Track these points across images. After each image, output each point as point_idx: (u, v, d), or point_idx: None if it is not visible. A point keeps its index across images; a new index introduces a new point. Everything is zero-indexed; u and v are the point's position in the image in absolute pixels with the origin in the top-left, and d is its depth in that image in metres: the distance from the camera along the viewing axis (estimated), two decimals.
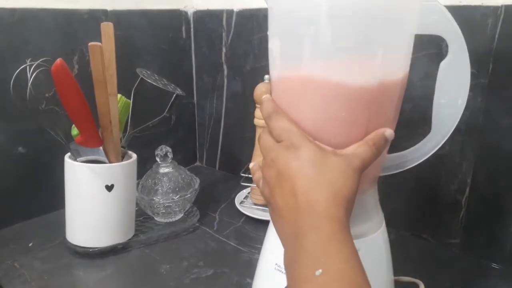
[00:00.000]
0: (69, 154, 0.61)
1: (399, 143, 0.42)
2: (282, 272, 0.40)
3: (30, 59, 0.55)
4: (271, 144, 0.35)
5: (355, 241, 0.39)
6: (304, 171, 0.31)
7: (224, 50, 0.86)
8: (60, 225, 0.63)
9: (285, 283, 0.41)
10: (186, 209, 0.72)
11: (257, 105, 0.72)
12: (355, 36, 0.33)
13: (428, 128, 0.40)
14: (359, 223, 0.40)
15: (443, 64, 0.37)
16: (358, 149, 0.34)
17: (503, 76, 0.55)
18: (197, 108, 0.96)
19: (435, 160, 0.59)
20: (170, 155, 0.69)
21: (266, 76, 0.71)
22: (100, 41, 0.55)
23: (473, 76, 0.41)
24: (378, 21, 0.34)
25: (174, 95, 0.67)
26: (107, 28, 0.56)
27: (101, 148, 0.60)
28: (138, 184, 0.67)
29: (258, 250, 0.46)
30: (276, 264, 0.41)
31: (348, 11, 0.33)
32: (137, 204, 0.66)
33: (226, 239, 0.67)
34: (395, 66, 0.36)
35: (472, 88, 0.41)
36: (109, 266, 0.59)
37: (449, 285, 0.56)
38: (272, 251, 0.43)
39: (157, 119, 0.66)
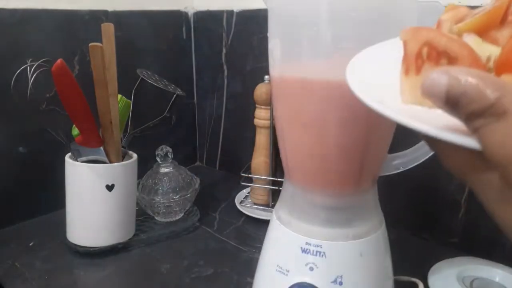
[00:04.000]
0: (69, 154, 0.61)
1: (399, 143, 0.42)
2: (284, 274, 0.40)
3: (30, 59, 0.56)
4: None
5: (356, 242, 0.39)
6: None
7: (224, 50, 0.86)
8: (60, 224, 0.63)
9: (286, 285, 0.41)
10: (187, 208, 0.72)
11: (257, 105, 0.72)
12: (356, 36, 0.34)
13: None
14: (359, 223, 0.40)
15: None
16: None
17: None
18: (197, 108, 0.96)
19: (435, 160, 0.59)
20: (171, 155, 0.70)
21: (266, 77, 0.71)
22: (101, 42, 0.55)
23: None
24: (379, 22, 0.34)
25: (174, 95, 0.67)
26: (108, 29, 0.56)
27: (101, 148, 0.60)
28: (138, 184, 0.67)
29: (258, 250, 0.46)
30: (277, 265, 0.41)
31: (349, 11, 0.33)
32: (137, 204, 0.66)
33: (226, 238, 0.67)
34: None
35: None
36: (109, 266, 0.59)
37: None
38: (273, 252, 0.43)
39: (157, 119, 0.67)
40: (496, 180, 0.17)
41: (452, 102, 0.16)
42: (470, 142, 0.16)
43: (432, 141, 0.18)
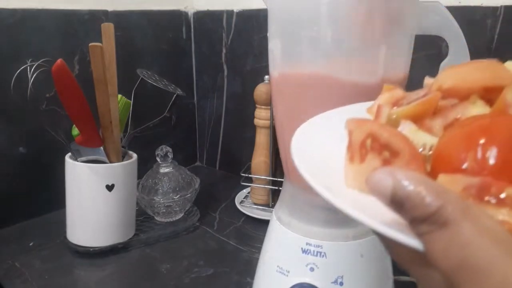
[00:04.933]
0: (69, 154, 0.61)
1: None
2: (284, 274, 0.40)
3: (30, 59, 0.56)
4: None
5: (356, 242, 0.39)
6: None
7: (224, 50, 0.86)
8: (60, 224, 0.63)
9: (286, 285, 0.41)
10: (187, 208, 0.72)
11: (257, 105, 0.72)
12: (356, 36, 0.34)
13: None
14: (360, 224, 0.40)
15: (443, 64, 0.38)
16: None
17: None
18: (197, 108, 0.96)
19: None
20: (171, 155, 0.69)
21: (266, 77, 0.71)
22: (101, 42, 0.55)
23: None
24: (380, 22, 0.34)
25: (175, 95, 0.67)
26: (108, 29, 0.56)
27: (101, 148, 0.60)
28: (138, 184, 0.67)
29: (258, 250, 0.46)
30: (277, 266, 0.41)
31: (349, 11, 0.33)
32: (137, 204, 0.66)
33: (226, 238, 0.67)
34: (396, 65, 0.36)
35: None
36: (109, 266, 0.59)
37: None
38: (273, 253, 0.43)
39: (157, 119, 0.67)
40: (438, 277, 0.17)
41: (396, 204, 0.16)
42: (413, 242, 0.16)
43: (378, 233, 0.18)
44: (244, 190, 0.81)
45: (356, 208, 0.17)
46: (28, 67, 0.54)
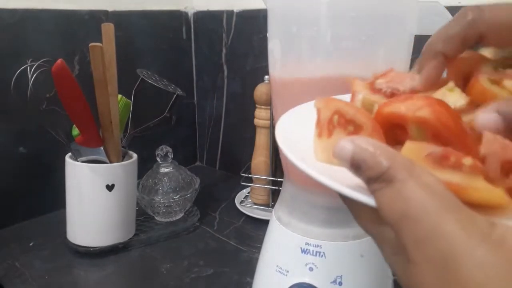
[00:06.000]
0: (69, 154, 0.61)
1: None
2: (283, 274, 0.40)
3: (31, 59, 0.56)
4: None
5: (355, 242, 0.39)
6: None
7: (224, 50, 0.86)
8: (61, 224, 0.63)
9: (286, 285, 0.41)
10: (187, 208, 0.72)
11: (257, 106, 0.72)
12: (356, 36, 0.34)
13: None
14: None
15: None
16: None
17: None
18: (197, 108, 0.96)
19: None
20: (171, 155, 0.70)
21: (266, 77, 0.71)
22: (101, 42, 0.55)
23: None
24: (380, 22, 0.34)
25: (175, 95, 0.67)
26: (108, 29, 0.56)
27: (101, 148, 0.60)
28: (138, 184, 0.67)
29: (258, 250, 0.46)
30: (277, 265, 0.41)
31: (349, 11, 0.33)
32: (137, 204, 0.66)
33: (226, 238, 0.67)
34: (395, 65, 0.36)
35: None
36: (109, 266, 0.59)
37: None
38: (272, 252, 0.43)
39: (157, 119, 0.67)
40: (390, 233, 0.20)
41: (355, 166, 0.19)
42: (367, 199, 0.19)
43: (343, 196, 0.20)
44: (244, 190, 0.81)
45: (323, 175, 0.19)
46: (28, 67, 0.55)
